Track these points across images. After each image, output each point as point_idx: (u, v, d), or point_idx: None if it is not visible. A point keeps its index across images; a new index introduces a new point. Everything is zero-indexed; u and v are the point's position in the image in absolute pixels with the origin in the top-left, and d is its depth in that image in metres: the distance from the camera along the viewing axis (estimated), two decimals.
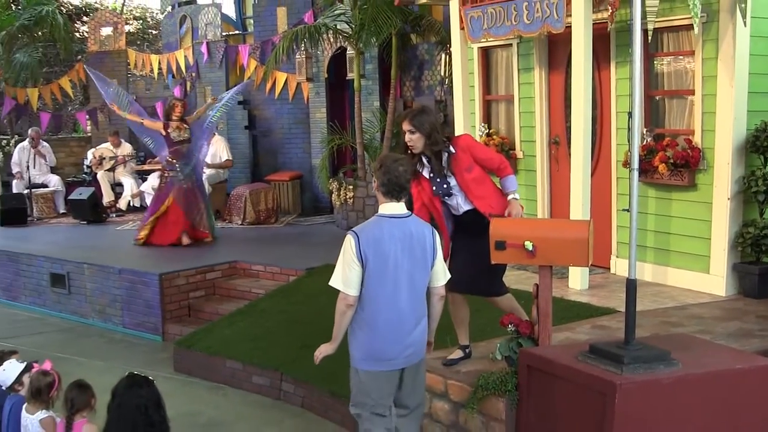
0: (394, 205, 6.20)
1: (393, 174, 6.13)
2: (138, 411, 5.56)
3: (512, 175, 7.21)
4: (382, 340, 6.16)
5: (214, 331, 11.00)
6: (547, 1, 9.84)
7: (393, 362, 6.20)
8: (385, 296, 6.12)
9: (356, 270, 6.06)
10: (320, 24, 15.44)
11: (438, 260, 6.32)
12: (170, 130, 14.39)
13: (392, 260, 6.09)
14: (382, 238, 6.10)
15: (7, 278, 15.00)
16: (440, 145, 7.03)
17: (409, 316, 6.19)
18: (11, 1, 25.25)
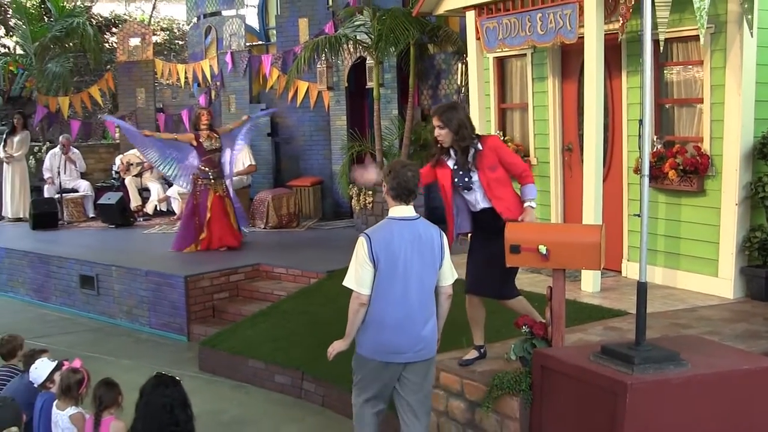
0: (403, 208, 6.40)
1: (402, 179, 6.32)
2: (164, 410, 5.58)
3: (532, 184, 7.23)
4: (391, 334, 6.27)
5: (237, 331, 11.01)
6: (561, 12, 9.84)
7: (402, 355, 6.30)
8: (395, 294, 6.24)
9: (368, 270, 6.21)
10: (341, 35, 15.45)
11: (446, 260, 6.47)
12: (201, 139, 14.23)
13: (402, 260, 6.23)
14: (393, 239, 6.26)
15: (39, 280, 15.06)
16: (467, 141, 7.14)
17: (419, 313, 6.31)
18: (44, 14, 25.36)
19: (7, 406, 6.56)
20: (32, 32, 22.10)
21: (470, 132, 7.14)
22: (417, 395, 6.45)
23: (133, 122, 21.09)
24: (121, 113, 21.67)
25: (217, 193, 14.34)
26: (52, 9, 23.44)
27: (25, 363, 7.64)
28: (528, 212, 7.14)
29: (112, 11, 30.72)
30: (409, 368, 6.39)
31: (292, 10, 19.02)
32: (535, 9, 10.25)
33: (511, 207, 7.19)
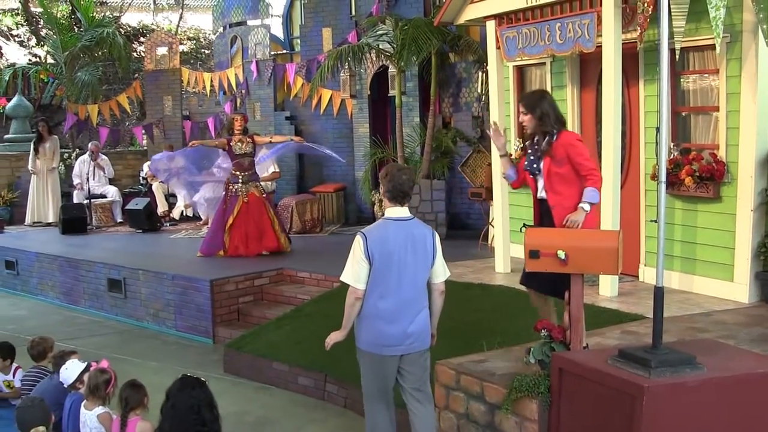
0: (399, 209, 6.73)
1: (397, 182, 6.66)
2: (191, 411, 5.60)
3: (593, 188, 7.14)
4: (385, 328, 6.66)
5: (261, 334, 11.03)
6: (579, 22, 9.83)
7: (396, 348, 6.71)
8: (389, 290, 6.62)
9: (364, 266, 6.59)
10: (363, 44, 15.49)
11: (438, 259, 6.83)
12: (233, 143, 14.20)
13: (396, 258, 6.60)
14: (387, 238, 6.62)
15: (68, 283, 15.13)
16: (547, 128, 7.23)
17: (410, 308, 6.71)
18: (74, 24, 25.51)
19: (36, 406, 6.61)
20: (63, 42, 22.24)
21: (552, 122, 7.22)
22: (417, 384, 6.86)
23: (159, 130, 21.23)
24: (149, 121, 21.78)
25: (252, 194, 14.16)
26: (82, 19, 23.57)
27: (54, 364, 7.69)
28: (577, 213, 7.15)
29: (140, 21, 30.88)
30: (405, 360, 6.79)
31: (316, 20, 19.07)
32: (554, 19, 10.25)
33: (565, 204, 7.21)
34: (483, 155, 15.46)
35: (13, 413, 7.33)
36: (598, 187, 7.18)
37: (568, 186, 7.21)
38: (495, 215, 12.39)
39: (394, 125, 16.04)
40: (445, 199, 15.43)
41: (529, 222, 7.41)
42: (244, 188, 14.15)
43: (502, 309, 9.77)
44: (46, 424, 6.52)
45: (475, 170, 15.87)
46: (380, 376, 6.85)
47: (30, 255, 16.16)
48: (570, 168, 7.19)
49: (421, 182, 15.28)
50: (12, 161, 21.64)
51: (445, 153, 16.15)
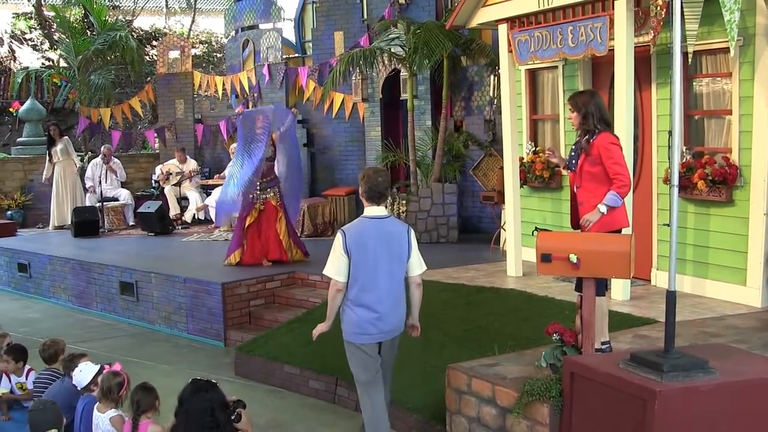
0: (375, 209, 7.28)
1: (373, 183, 7.20)
2: (205, 414, 5.61)
3: (615, 192, 7.28)
4: (366, 317, 7.20)
5: (273, 337, 11.03)
6: (591, 25, 9.81)
7: (373, 336, 7.26)
8: (366, 282, 7.15)
9: (344, 261, 7.16)
10: (375, 47, 15.47)
11: (413, 254, 7.31)
12: None
13: (371, 253, 7.13)
14: (364, 234, 7.18)
15: (80, 286, 15.15)
16: (589, 127, 7.42)
17: (387, 299, 7.21)
18: (87, 28, 25.58)
19: (48, 410, 6.62)
20: (75, 46, 22.29)
21: (595, 121, 7.40)
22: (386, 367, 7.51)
23: (171, 133, 21.26)
24: (161, 124, 21.82)
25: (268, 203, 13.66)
26: (94, 23, 23.62)
27: (65, 367, 7.71)
28: (593, 213, 7.34)
29: (153, 25, 30.98)
30: (381, 344, 7.37)
31: (327, 24, 19.08)
32: (567, 22, 10.23)
33: (594, 202, 7.36)
34: (495, 159, 15.45)
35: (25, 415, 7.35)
36: (621, 192, 7.27)
37: (598, 185, 7.34)
38: (507, 219, 12.38)
39: (406, 129, 16.02)
40: (456, 202, 15.42)
41: (540, 226, 7.42)
42: (262, 195, 13.64)
43: (513, 312, 9.75)
44: (57, 427, 6.53)
45: (486, 174, 15.86)
46: (366, 363, 7.35)
47: (43, 258, 16.19)
48: (603, 168, 7.28)
49: (432, 186, 15.27)
50: (25, 164, 21.73)
51: (457, 156, 16.14)
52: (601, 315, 7.12)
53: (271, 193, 13.69)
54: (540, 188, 12.64)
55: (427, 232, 15.26)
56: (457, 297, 10.72)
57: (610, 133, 7.46)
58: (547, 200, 12.49)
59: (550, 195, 12.41)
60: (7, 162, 21.83)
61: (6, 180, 21.47)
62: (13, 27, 28.10)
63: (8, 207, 21.05)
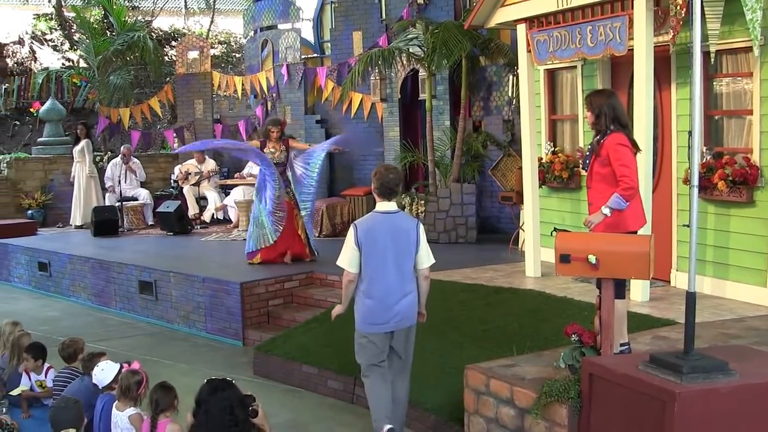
0: (386, 204, 7.71)
1: (384, 180, 7.66)
2: (225, 413, 5.59)
3: (618, 195, 7.20)
4: (375, 308, 7.60)
5: (291, 337, 11.02)
6: (610, 24, 9.77)
7: (384, 326, 7.63)
8: (376, 274, 7.58)
9: (355, 253, 7.59)
10: (394, 48, 15.46)
11: (422, 248, 7.68)
12: (266, 150, 13.77)
13: (381, 246, 7.55)
14: (374, 228, 7.59)
15: (100, 285, 15.19)
16: (601, 127, 7.40)
17: (396, 290, 7.59)
18: (106, 28, 25.67)
19: (70, 407, 6.63)
20: (95, 46, 22.35)
21: (608, 122, 7.37)
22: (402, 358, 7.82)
23: (190, 133, 21.31)
24: (180, 124, 21.86)
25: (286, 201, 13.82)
26: (114, 23, 23.69)
27: (84, 366, 7.72)
28: (596, 214, 7.33)
29: (172, 25, 31.03)
30: (393, 336, 7.71)
31: (346, 24, 19.08)
32: (586, 22, 10.20)
33: (600, 204, 7.32)
34: (513, 159, 15.42)
35: (45, 413, 7.38)
36: (625, 195, 7.18)
37: (608, 186, 7.29)
38: (525, 219, 12.35)
39: (425, 129, 15.99)
40: (475, 202, 15.40)
41: (559, 226, 7.39)
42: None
43: (532, 313, 9.72)
44: (78, 425, 6.54)
45: (505, 174, 15.83)
46: (373, 350, 7.72)
47: (62, 257, 16.25)
48: (612, 170, 7.23)
49: (451, 186, 15.25)
50: (45, 164, 21.81)
51: (476, 157, 16.12)
52: (620, 317, 7.08)
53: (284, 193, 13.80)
54: (559, 188, 12.61)
55: (446, 232, 15.24)
56: (476, 297, 10.69)
57: (624, 134, 7.37)
58: (566, 201, 12.45)
59: (569, 195, 12.37)
60: (27, 162, 21.92)
61: (26, 179, 21.56)
62: (34, 28, 28.20)
63: (29, 206, 21.14)
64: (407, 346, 7.85)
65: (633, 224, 7.36)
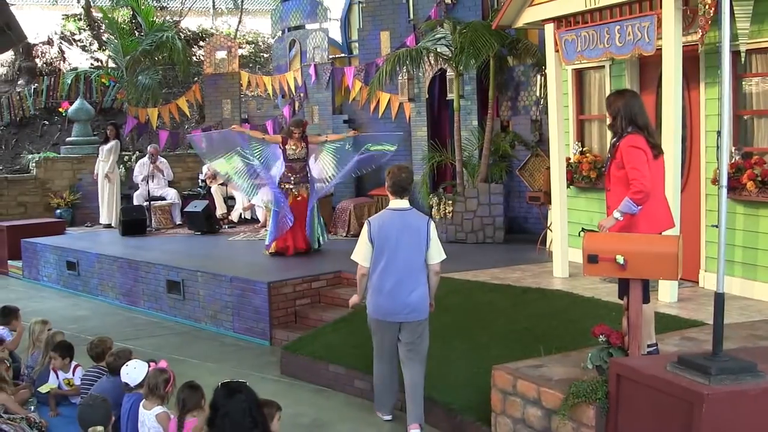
0: (398, 201, 8.20)
1: (397, 179, 8.15)
2: (244, 415, 5.60)
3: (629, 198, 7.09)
4: (384, 299, 8.12)
5: (318, 336, 11.04)
6: (639, 24, 9.75)
7: (394, 316, 8.14)
8: (387, 268, 8.07)
9: (368, 248, 8.16)
10: (422, 47, 15.47)
11: (432, 244, 8.08)
12: (287, 146, 14.62)
13: (392, 241, 8.04)
14: (386, 224, 8.11)
15: (128, 284, 15.27)
16: (616, 130, 7.35)
17: (406, 284, 8.06)
18: (135, 29, 25.80)
19: (98, 406, 6.69)
20: (124, 46, 22.50)
21: (624, 123, 7.26)
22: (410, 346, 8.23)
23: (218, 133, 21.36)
24: (208, 124, 21.94)
25: (298, 197, 14.71)
26: (142, 24, 23.84)
27: (111, 365, 7.77)
28: (607, 219, 7.26)
29: (200, 25, 31.11)
30: (403, 327, 8.20)
31: (374, 24, 19.08)
32: (614, 21, 10.17)
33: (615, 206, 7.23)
34: (541, 159, 15.39)
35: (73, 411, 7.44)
36: (635, 199, 7.06)
37: (624, 189, 7.17)
38: (553, 219, 12.34)
39: (452, 129, 15.99)
40: (503, 202, 15.37)
41: (587, 226, 7.36)
42: (295, 188, 14.69)
43: (559, 314, 9.71)
44: (105, 423, 6.59)
45: (533, 174, 15.80)
46: (382, 338, 8.34)
47: (91, 256, 16.34)
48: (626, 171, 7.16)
49: (479, 186, 15.24)
50: (74, 163, 21.98)
51: (504, 157, 16.10)
52: (647, 320, 7.05)
53: (303, 188, 14.74)
54: (587, 188, 12.58)
55: (474, 232, 15.23)
56: (503, 298, 10.69)
57: (641, 135, 7.21)
58: (593, 201, 12.41)
59: (597, 195, 12.33)
60: (56, 161, 22.09)
61: (55, 179, 21.74)
62: (62, 28, 28.35)
63: (57, 205, 21.31)
64: (419, 340, 8.27)
65: (646, 228, 7.16)
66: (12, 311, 10.07)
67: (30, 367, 9.11)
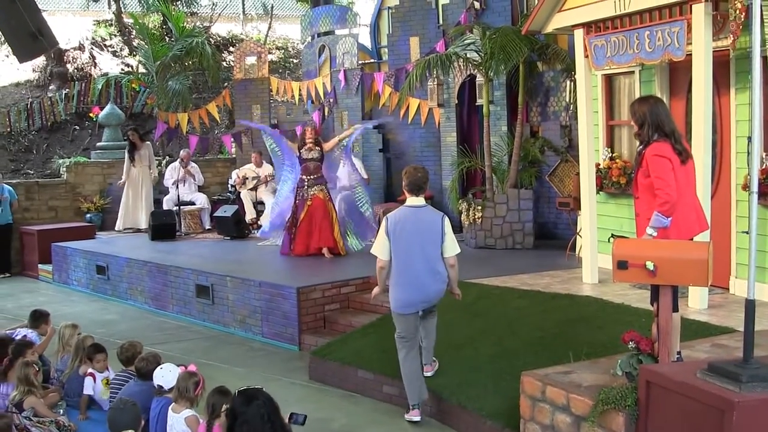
0: (415, 199, 8.76)
1: (413, 178, 8.71)
2: (263, 420, 5.62)
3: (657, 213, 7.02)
4: (403, 292, 8.68)
5: (347, 342, 11.05)
6: (669, 29, 9.71)
7: (413, 307, 8.77)
8: (404, 262, 8.62)
9: (386, 242, 8.68)
10: (451, 53, 15.47)
11: (447, 239, 8.62)
12: (303, 150, 15.17)
13: (407, 236, 8.57)
14: (403, 220, 8.65)
15: (157, 288, 15.34)
16: (642, 137, 7.28)
17: (423, 277, 8.60)
18: (165, 34, 25.94)
19: (128, 410, 6.72)
20: (154, 52, 22.59)
21: (650, 131, 7.18)
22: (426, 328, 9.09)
23: (248, 138, 21.44)
24: (237, 129, 22.00)
25: (316, 197, 15.12)
26: (173, 29, 23.93)
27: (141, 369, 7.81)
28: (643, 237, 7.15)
29: (230, 31, 31.23)
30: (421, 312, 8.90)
31: (403, 29, 19.11)
32: (643, 27, 10.14)
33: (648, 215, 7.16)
34: (571, 165, 15.35)
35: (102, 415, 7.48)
36: (663, 211, 6.99)
37: (652, 197, 7.10)
38: (583, 225, 12.31)
39: (482, 134, 15.99)
40: (532, 208, 15.35)
41: (617, 232, 7.33)
42: (310, 192, 15.10)
43: (589, 320, 9.68)
44: (135, 427, 6.62)
45: (563, 180, 15.77)
46: (405, 327, 8.82)
47: (120, 260, 16.42)
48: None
49: (508, 192, 15.23)
50: (104, 168, 22.10)
51: (533, 162, 16.07)
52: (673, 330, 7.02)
53: (318, 190, 15.15)
54: (616, 194, 12.54)
55: (503, 238, 15.21)
56: (532, 304, 10.67)
57: (668, 143, 7.12)
58: (623, 206, 12.37)
59: (627, 201, 12.28)
60: (86, 166, 22.20)
61: (85, 183, 21.86)
62: (94, 34, 28.53)
63: (87, 210, 21.42)
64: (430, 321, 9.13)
65: (676, 234, 7.09)
66: (42, 315, 10.13)
67: (60, 371, 9.16)
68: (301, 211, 15.15)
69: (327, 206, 15.17)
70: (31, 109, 24.55)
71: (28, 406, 7.91)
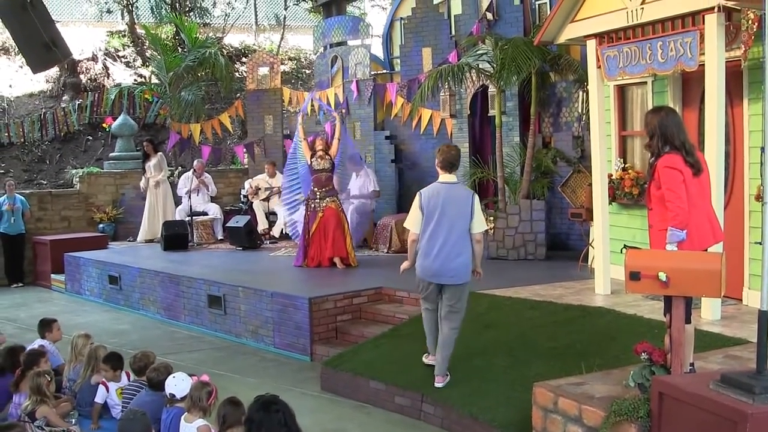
0: (447, 176, 9.22)
1: (446, 155, 9.24)
2: (281, 426, 5.61)
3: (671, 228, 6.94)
4: (430, 262, 9.05)
5: (359, 352, 11.04)
6: (681, 40, 9.70)
7: (438, 278, 9.11)
8: (434, 234, 9.00)
9: (419, 215, 9.09)
10: (463, 63, 15.47)
11: (476, 215, 9.04)
12: (313, 159, 15.35)
13: (439, 211, 8.99)
14: (435, 195, 9.09)
15: (169, 298, 15.36)
16: (653, 149, 7.22)
17: (450, 249, 8.98)
18: (178, 45, 26.03)
19: (138, 420, 6.72)
20: (167, 62, 22.66)
21: (660, 142, 7.11)
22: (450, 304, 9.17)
23: (261, 148, 21.47)
24: (250, 140, 22.02)
25: (329, 208, 15.25)
26: (186, 40, 24.00)
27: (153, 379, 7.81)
28: None
29: (242, 42, 31.31)
30: (445, 289, 9.17)
31: (415, 40, 19.13)
32: (656, 37, 10.13)
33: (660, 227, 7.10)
34: (583, 175, 15.33)
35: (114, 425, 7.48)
36: (676, 225, 6.91)
37: (665, 208, 7.04)
38: (595, 236, 12.28)
39: (494, 145, 15.98)
40: (545, 219, 15.33)
41: (629, 243, 7.32)
42: (321, 204, 15.28)
43: (601, 331, 9.65)
44: None
45: (575, 190, 15.74)
46: (427, 294, 9.33)
47: (133, 270, 16.46)
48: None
49: (521, 202, 15.21)
50: (117, 178, 22.18)
51: (545, 173, 16.06)
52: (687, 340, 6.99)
53: (330, 201, 15.32)
54: (629, 205, 12.52)
55: (515, 248, 15.20)
56: (545, 315, 10.65)
57: (678, 154, 7.04)
58: (636, 217, 12.34)
59: (640, 212, 12.25)
60: (99, 176, 22.29)
61: (98, 194, 21.94)
62: (107, 45, 28.63)
63: (100, 220, 21.49)
64: (458, 301, 9.20)
65: (689, 246, 6.99)
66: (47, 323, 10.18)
67: (72, 380, 9.16)
68: (312, 222, 15.27)
69: (339, 216, 15.30)
70: (44, 119, 24.68)
71: (41, 415, 7.92)
